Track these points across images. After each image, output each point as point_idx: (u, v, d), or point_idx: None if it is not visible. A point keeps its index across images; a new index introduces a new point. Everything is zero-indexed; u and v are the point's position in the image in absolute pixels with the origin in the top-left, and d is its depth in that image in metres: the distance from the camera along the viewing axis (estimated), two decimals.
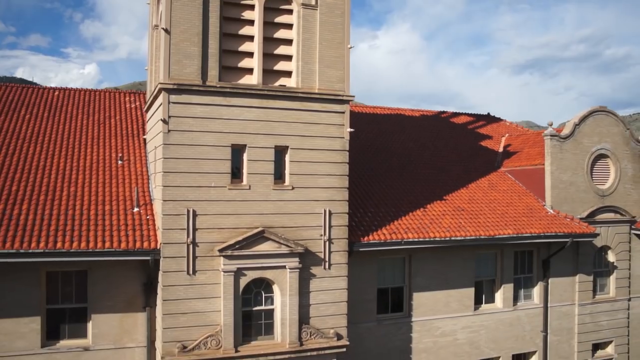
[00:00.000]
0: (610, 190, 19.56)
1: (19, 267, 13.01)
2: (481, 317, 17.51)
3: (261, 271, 13.63)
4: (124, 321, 13.97)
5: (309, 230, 14.06)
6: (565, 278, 18.75)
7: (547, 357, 18.50)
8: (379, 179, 18.10)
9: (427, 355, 16.75)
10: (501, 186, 19.39)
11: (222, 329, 13.27)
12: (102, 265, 13.64)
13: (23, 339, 13.20)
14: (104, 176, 15.30)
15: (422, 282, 16.64)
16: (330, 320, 14.31)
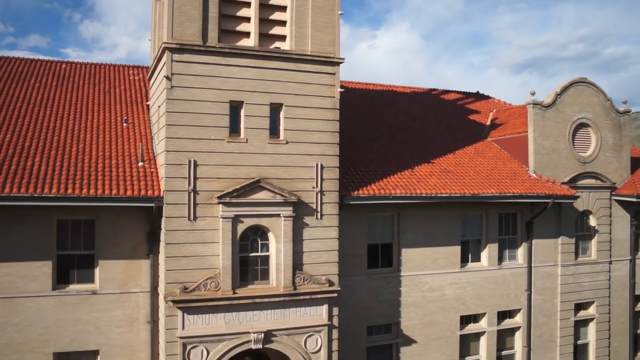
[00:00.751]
0: (591, 157, 20.70)
1: (32, 214, 14.14)
2: (467, 274, 18.61)
3: (257, 219, 14.75)
4: (129, 267, 15.10)
5: (302, 182, 15.20)
6: (548, 240, 19.87)
7: (532, 315, 19.58)
8: (370, 144, 19.24)
9: (415, 309, 17.83)
10: (487, 153, 20.53)
11: (220, 272, 14.39)
12: (109, 214, 14.78)
13: (36, 282, 14.32)
14: (110, 136, 16.46)
15: (411, 239, 17.75)
16: (322, 268, 15.42)
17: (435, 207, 17.91)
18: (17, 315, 14.18)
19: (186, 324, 14.18)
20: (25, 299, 14.25)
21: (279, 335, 14.94)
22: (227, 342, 14.48)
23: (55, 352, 14.50)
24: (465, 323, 18.80)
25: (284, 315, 14.97)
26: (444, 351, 18.32)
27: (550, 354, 20.06)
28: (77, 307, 14.64)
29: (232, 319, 14.51)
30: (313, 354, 15.32)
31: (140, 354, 15.20)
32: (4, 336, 14.07)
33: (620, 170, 21.33)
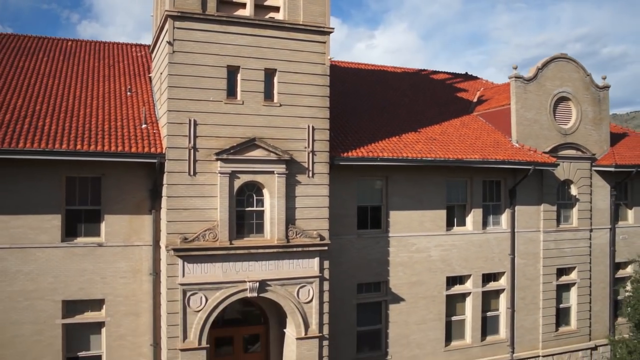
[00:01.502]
0: (572, 129, 21.93)
1: (42, 171, 15.33)
2: (453, 237, 19.81)
3: (252, 175, 15.97)
4: (132, 222, 16.30)
5: (295, 143, 16.43)
6: (530, 207, 21.08)
7: (515, 278, 20.76)
8: (360, 115, 20.47)
9: (403, 268, 19.01)
10: (472, 125, 21.77)
11: (218, 224, 15.59)
12: (114, 171, 15.98)
13: (46, 234, 15.52)
14: (115, 102, 17.69)
15: (398, 202, 18.96)
16: (313, 223, 16.63)
17: (422, 172, 19.14)
18: (29, 265, 15.39)
19: (186, 272, 15.39)
20: (36, 249, 15.46)
21: (273, 285, 16.15)
22: (225, 290, 15.69)
23: (64, 299, 15.70)
24: (451, 284, 20.01)
25: (277, 267, 16.18)
26: (431, 310, 19.49)
27: (534, 316, 21.21)
28: (84, 258, 15.85)
29: (229, 269, 15.73)
30: (305, 304, 16.51)
31: (143, 303, 16.39)
32: (17, 283, 15.26)
33: (600, 143, 22.55)
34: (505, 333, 20.84)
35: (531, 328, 21.18)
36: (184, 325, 15.37)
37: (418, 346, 19.33)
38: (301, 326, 16.46)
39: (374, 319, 18.94)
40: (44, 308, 15.50)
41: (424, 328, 19.40)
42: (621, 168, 21.67)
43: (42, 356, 15.50)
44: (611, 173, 22.30)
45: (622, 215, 23.48)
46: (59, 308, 15.65)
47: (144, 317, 16.41)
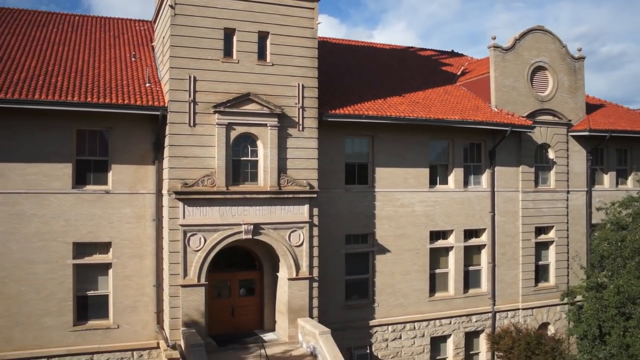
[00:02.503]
0: (548, 97, 23.68)
1: (56, 123, 17.08)
2: (436, 194, 21.51)
3: (247, 127, 17.73)
4: (137, 172, 18.04)
5: (286, 99, 18.20)
6: (509, 168, 22.79)
7: (495, 235, 22.44)
8: (348, 81, 22.24)
9: (388, 222, 20.70)
10: (454, 93, 23.54)
11: (216, 171, 17.33)
12: (121, 124, 17.73)
13: (58, 181, 17.25)
14: (120, 66, 19.48)
15: (384, 159, 20.68)
16: (303, 173, 18.36)
17: (406, 132, 20.87)
18: (43, 209, 17.11)
19: (186, 215, 17.10)
20: (50, 195, 17.18)
21: (266, 228, 17.85)
22: (222, 231, 17.41)
23: (74, 242, 17.42)
24: (435, 238, 21.69)
25: (270, 212, 17.90)
26: (415, 261, 21.15)
27: (514, 271, 22.87)
28: (92, 204, 17.57)
29: (226, 212, 17.45)
30: (296, 248, 18.21)
31: (147, 247, 18.08)
32: (32, 225, 16.98)
33: (576, 110, 24.30)
34: (486, 286, 22.51)
35: (511, 282, 22.86)
36: (184, 264, 17.10)
37: (404, 295, 20.99)
38: (292, 268, 18.15)
39: (362, 269, 20.63)
40: (56, 249, 17.24)
41: (409, 278, 21.07)
42: (595, 132, 23.40)
43: (55, 293, 17.21)
44: (586, 138, 24.03)
45: (599, 180, 25.18)
46: (69, 249, 17.39)
47: (148, 259, 18.12)
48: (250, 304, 19.44)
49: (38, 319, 17.08)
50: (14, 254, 16.88)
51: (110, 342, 17.78)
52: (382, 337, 20.67)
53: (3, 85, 16.55)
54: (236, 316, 19.09)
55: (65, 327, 17.33)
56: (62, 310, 17.31)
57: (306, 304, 18.32)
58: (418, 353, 21.24)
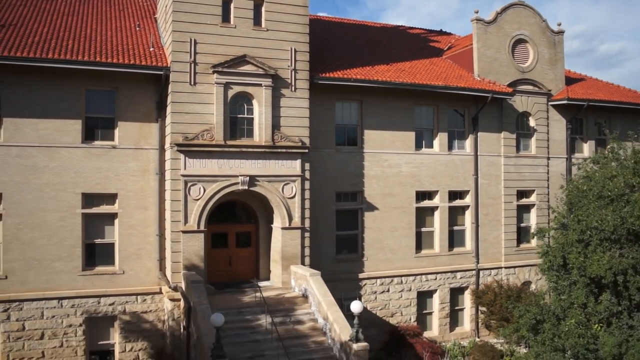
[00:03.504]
0: (529, 68, 25.43)
1: (67, 82, 18.85)
2: (421, 156, 23.24)
3: (243, 86, 19.48)
4: (141, 129, 19.78)
5: (280, 62, 19.96)
6: (492, 134, 24.53)
7: (479, 197, 24.13)
8: (340, 53, 23.99)
9: (376, 181, 22.41)
10: (439, 64, 25.31)
11: (214, 126, 19.07)
12: (127, 84, 19.50)
13: (69, 135, 18.99)
14: (126, 34, 21.27)
15: (372, 122, 22.41)
16: (296, 130, 20.09)
17: (392, 97, 22.60)
18: (55, 161, 18.84)
19: (187, 166, 18.82)
20: (61, 148, 18.92)
21: (261, 181, 19.57)
22: (220, 182, 19.13)
23: (83, 192, 19.15)
24: (421, 198, 23.40)
25: (265, 165, 19.62)
26: (402, 219, 22.84)
27: (496, 232, 24.56)
28: (100, 157, 19.30)
29: (224, 164, 19.17)
30: (289, 199, 19.93)
31: (150, 199, 19.80)
32: (45, 176, 18.70)
33: (555, 81, 26.05)
34: (470, 245, 24.20)
35: (494, 242, 24.55)
36: (185, 212, 18.81)
37: (391, 251, 22.67)
38: (285, 218, 19.85)
39: (351, 225, 22.32)
40: (66, 199, 18.96)
41: (397, 235, 22.76)
42: (573, 101, 25.15)
43: (65, 239, 18.91)
44: (566, 107, 25.76)
45: (578, 148, 26.93)
46: (79, 199, 19.12)
47: (151, 210, 19.82)
48: (246, 254, 21.14)
49: (50, 263, 18.80)
50: (27, 202, 18.62)
51: (116, 286, 19.52)
52: (371, 289, 22.35)
53: (18, 46, 18.34)
54: (233, 266, 20.78)
55: (75, 271, 19.07)
56: (72, 255, 19.03)
57: (298, 252, 20.03)
58: (405, 306, 22.89)
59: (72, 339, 19.00)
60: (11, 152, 18.45)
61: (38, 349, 18.67)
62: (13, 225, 18.48)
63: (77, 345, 19.04)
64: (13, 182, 18.47)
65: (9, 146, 18.41)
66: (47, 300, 18.74)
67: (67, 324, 18.93)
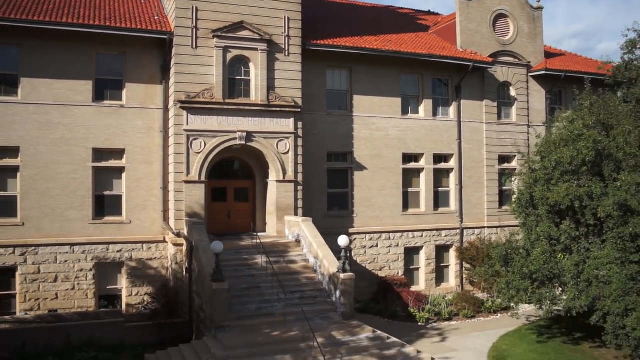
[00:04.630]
0: (509, 41, 27.55)
1: (79, 46, 20.95)
2: (408, 121, 25.29)
3: (241, 50, 21.57)
4: (147, 90, 21.85)
5: (275, 29, 22.08)
6: (474, 102, 26.61)
7: (462, 160, 26.16)
8: (331, 26, 26.09)
9: (365, 142, 24.45)
10: (425, 37, 27.44)
11: (214, 86, 21.14)
12: (134, 49, 21.59)
13: (80, 95, 21.06)
14: (133, 4, 23.39)
15: (361, 88, 24.50)
16: (289, 92, 22.16)
17: (380, 65, 24.69)
18: (68, 118, 20.89)
19: (189, 121, 20.87)
20: (73, 107, 20.97)
21: (257, 137, 21.61)
22: (219, 137, 21.18)
23: (94, 147, 21.19)
24: (408, 161, 25.43)
25: (261, 122, 21.67)
26: (390, 179, 24.86)
27: (479, 194, 26.58)
28: (109, 116, 21.35)
29: (223, 121, 21.23)
30: (283, 155, 21.95)
31: (155, 154, 21.83)
32: (58, 132, 20.74)
33: (535, 54, 28.15)
34: (455, 206, 26.21)
35: (477, 203, 26.55)
36: (187, 164, 20.84)
37: (379, 208, 24.66)
38: (280, 172, 21.86)
39: (342, 183, 24.36)
40: (78, 153, 20.99)
41: (384, 194, 24.76)
42: (551, 72, 27.24)
43: (77, 191, 20.92)
44: (544, 78, 27.85)
45: None
46: (89, 154, 21.15)
47: (155, 165, 21.85)
48: (244, 208, 23.13)
49: (63, 212, 20.79)
50: (43, 156, 20.64)
51: (123, 235, 21.50)
52: (360, 244, 24.32)
53: (35, 12, 20.44)
54: (232, 219, 22.77)
55: (86, 220, 21.07)
56: (83, 205, 21.04)
57: (292, 203, 22.04)
58: (393, 261, 24.84)
59: (83, 283, 20.98)
60: (28, 109, 20.54)
61: (52, 291, 20.66)
62: (30, 177, 20.52)
63: (88, 289, 21.02)
64: (30, 137, 20.53)
65: (26, 104, 20.51)
66: (60, 246, 20.76)
67: (79, 269, 20.94)
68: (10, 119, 20.36)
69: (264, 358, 15.22)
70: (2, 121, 20.26)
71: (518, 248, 18.34)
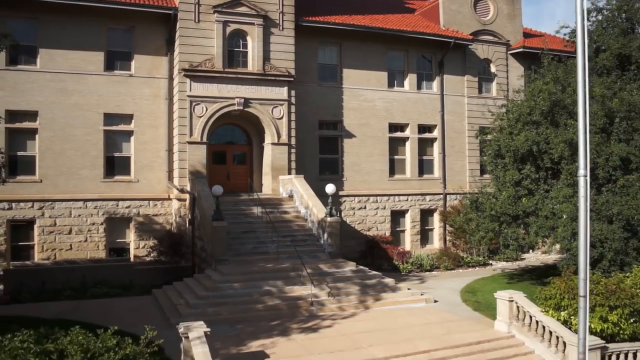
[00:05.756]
0: (490, 21, 30.03)
1: (92, 21, 23.44)
2: (393, 93, 27.73)
3: (239, 24, 24.05)
4: (153, 61, 24.33)
5: (270, 6, 24.60)
6: (456, 77, 29.06)
7: (445, 131, 28.56)
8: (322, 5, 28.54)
9: (354, 112, 26.89)
10: (411, 18, 29.95)
11: (215, 56, 23.62)
12: (142, 24, 24.09)
13: (93, 65, 23.55)
14: None
15: (350, 63, 26.97)
16: (283, 63, 24.63)
17: (367, 42, 27.16)
18: (82, 85, 23.36)
19: (192, 88, 23.33)
20: (86, 75, 23.46)
21: (254, 103, 24.06)
22: (219, 102, 23.64)
23: (105, 112, 23.68)
24: (394, 130, 27.86)
25: (257, 90, 24.13)
26: (377, 147, 27.27)
27: (461, 162, 29.01)
28: (119, 84, 23.82)
29: (223, 88, 23.69)
30: (278, 120, 24.39)
31: (160, 119, 24.28)
32: (73, 98, 23.20)
33: (514, 33, 30.62)
34: (438, 173, 28.61)
35: (460, 171, 28.93)
36: (190, 126, 23.28)
37: (367, 173, 27.06)
38: (275, 135, 24.29)
39: (333, 150, 26.79)
40: (91, 117, 23.46)
41: (372, 160, 27.16)
42: (528, 49, 29.71)
43: (90, 152, 23.36)
44: (523, 56, 30.32)
45: None
46: (101, 118, 23.62)
47: (161, 129, 24.30)
48: (241, 171, 25.57)
49: (77, 170, 23.23)
50: (59, 120, 23.10)
51: (131, 192, 23.93)
52: (350, 206, 26.70)
53: None
54: (231, 180, 25.17)
55: (97, 178, 23.50)
56: (95, 165, 23.48)
57: (286, 164, 24.46)
58: (380, 222, 27.21)
59: (95, 235, 23.38)
60: (46, 77, 23.02)
61: (67, 242, 23.05)
62: (47, 138, 22.97)
63: (99, 241, 23.42)
64: (47, 102, 23.00)
65: (44, 72, 23.00)
66: (75, 202, 23.18)
67: (91, 222, 23.34)
68: (29, 86, 22.87)
69: (258, 282, 17.64)
70: (23, 88, 22.79)
71: (488, 195, 20.76)
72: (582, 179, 10.00)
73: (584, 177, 9.95)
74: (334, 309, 17.07)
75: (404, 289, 18.85)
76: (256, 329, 15.23)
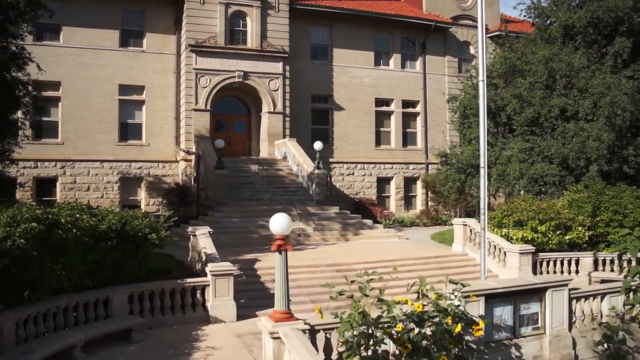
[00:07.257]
0: (469, 7, 33.46)
1: (108, 2, 26.84)
2: (379, 71, 31.12)
3: (239, 6, 27.55)
4: (163, 39, 27.83)
5: None
6: (438, 57, 32.44)
7: (427, 106, 31.87)
8: None
9: (343, 88, 30.30)
10: (396, 4, 33.46)
11: (217, 34, 27.09)
12: (152, 6, 27.61)
13: (109, 41, 27.05)
14: None
15: (339, 43, 30.38)
16: (279, 41, 28.07)
17: (356, 24, 30.60)
18: (99, 60, 26.83)
19: (198, 62, 26.78)
20: (103, 51, 26.93)
21: (252, 76, 27.48)
22: (221, 75, 27.09)
23: (120, 83, 27.14)
24: (380, 105, 31.21)
25: (255, 65, 27.57)
26: (364, 119, 30.62)
27: (441, 135, 32.25)
28: (132, 58, 27.29)
29: (224, 63, 27.13)
30: (274, 92, 27.81)
31: (169, 91, 27.74)
32: (91, 71, 26.66)
33: (492, 18, 33.97)
34: (421, 144, 31.96)
35: (441, 143, 32.14)
36: (195, 96, 26.71)
37: (355, 143, 30.41)
38: (271, 105, 27.70)
39: (324, 121, 30.15)
40: (107, 88, 26.91)
41: (360, 131, 30.51)
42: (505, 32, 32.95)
43: (106, 118, 26.80)
44: (500, 38, 33.58)
45: None
46: (116, 89, 27.06)
47: (169, 100, 27.73)
48: (241, 138, 28.97)
49: (94, 135, 26.65)
50: (79, 89, 26.55)
51: (143, 155, 27.33)
52: (339, 172, 30.01)
53: None
54: (231, 146, 28.49)
55: (113, 142, 26.92)
56: (111, 130, 26.90)
57: (281, 131, 27.85)
58: (367, 187, 30.51)
59: (110, 193, 26.76)
60: (67, 52, 26.51)
61: (85, 198, 26.39)
62: (68, 106, 26.41)
63: (114, 198, 26.78)
64: (68, 73, 26.46)
65: (66, 47, 26.49)
66: (92, 162, 26.58)
67: (107, 181, 26.74)
68: (53, 59, 26.31)
69: (254, 219, 21.00)
70: (48, 61, 26.13)
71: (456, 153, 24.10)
72: (482, 169, 12.68)
73: (483, 169, 12.65)
74: (318, 239, 20.41)
75: (381, 227, 22.17)
76: (250, 249, 18.57)
